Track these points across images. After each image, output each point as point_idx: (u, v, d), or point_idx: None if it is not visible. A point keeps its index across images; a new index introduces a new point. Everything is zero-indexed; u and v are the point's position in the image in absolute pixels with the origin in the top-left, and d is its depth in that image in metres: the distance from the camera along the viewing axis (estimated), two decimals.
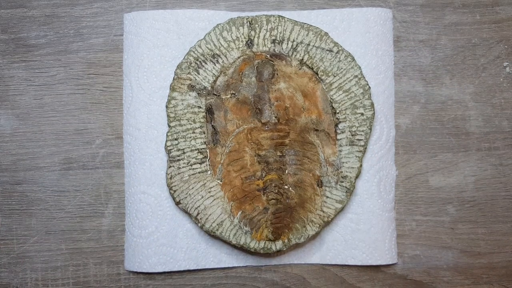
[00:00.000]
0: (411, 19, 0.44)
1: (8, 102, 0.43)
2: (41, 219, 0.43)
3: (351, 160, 0.41)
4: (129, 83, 0.42)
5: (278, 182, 0.40)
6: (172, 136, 0.41)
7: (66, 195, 0.43)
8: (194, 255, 0.42)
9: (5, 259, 0.42)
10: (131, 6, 0.44)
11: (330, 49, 0.42)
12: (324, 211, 0.41)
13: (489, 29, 0.45)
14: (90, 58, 0.43)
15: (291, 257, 0.43)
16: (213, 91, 0.41)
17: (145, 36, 0.42)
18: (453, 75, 0.44)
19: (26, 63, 0.43)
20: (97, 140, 0.43)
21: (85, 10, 0.44)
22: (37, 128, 0.43)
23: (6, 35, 0.43)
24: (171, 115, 0.41)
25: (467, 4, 0.45)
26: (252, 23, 0.41)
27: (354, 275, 0.43)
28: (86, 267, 0.43)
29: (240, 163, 0.41)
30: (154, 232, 0.41)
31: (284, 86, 0.41)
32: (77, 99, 0.43)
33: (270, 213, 0.40)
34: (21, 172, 0.43)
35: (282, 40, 0.41)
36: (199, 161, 0.41)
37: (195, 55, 0.41)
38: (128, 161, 0.42)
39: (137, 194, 0.42)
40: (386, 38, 0.43)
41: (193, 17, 0.42)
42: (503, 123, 0.44)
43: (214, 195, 0.41)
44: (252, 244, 0.41)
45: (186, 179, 0.41)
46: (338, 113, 0.41)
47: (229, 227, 0.41)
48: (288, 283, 0.43)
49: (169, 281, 0.42)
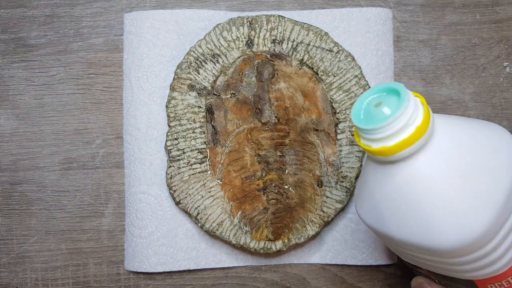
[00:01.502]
0: (411, 19, 0.44)
1: (8, 102, 0.43)
2: (41, 219, 0.43)
3: (351, 160, 0.41)
4: (129, 83, 0.42)
5: (278, 182, 0.40)
6: (172, 136, 0.41)
7: (66, 195, 0.43)
8: (194, 255, 0.42)
9: (5, 259, 0.42)
10: (131, 6, 0.44)
11: (330, 49, 0.42)
12: (324, 211, 0.41)
13: (489, 29, 0.45)
14: (90, 58, 0.43)
15: (291, 257, 0.43)
16: (213, 91, 0.41)
17: (145, 36, 0.42)
18: (453, 75, 0.44)
19: (26, 63, 0.43)
20: (97, 140, 0.43)
21: (85, 10, 0.44)
22: (37, 128, 0.43)
23: (6, 35, 0.43)
24: (171, 115, 0.41)
25: (467, 4, 0.45)
26: (252, 23, 0.41)
27: (354, 275, 0.43)
28: (86, 267, 0.43)
29: (240, 163, 0.41)
30: (154, 232, 0.41)
31: (284, 86, 0.41)
32: (77, 99, 0.43)
33: (270, 213, 0.40)
34: (21, 172, 0.43)
35: (282, 40, 0.41)
36: (199, 161, 0.41)
37: (195, 55, 0.41)
38: (128, 161, 0.42)
39: (137, 194, 0.42)
40: (386, 38, 0.43)
41: (193, 17, 0.42)
42: (503, 123, 0.44)
43: (214, 195, 0.41)
44: (252, 244, 0.41)
45: (186, 179, 0.41)
46: (338, 113, 0.41)
47: (229, 227, 0.41)
48: (288, 283, 0.43)
49: (169, 281, 0.42)
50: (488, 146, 0.27)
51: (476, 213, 0.25)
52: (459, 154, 0.26)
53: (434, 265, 0.29)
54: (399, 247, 0.30)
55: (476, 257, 0.27)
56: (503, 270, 0.28)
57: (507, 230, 0.26)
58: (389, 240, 0.30)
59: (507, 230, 0.26)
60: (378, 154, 0.26)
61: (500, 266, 0.28)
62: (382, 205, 0.28)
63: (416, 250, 0.28)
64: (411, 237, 0.27)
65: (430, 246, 0.26)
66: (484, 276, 0.28)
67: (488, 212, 0.25)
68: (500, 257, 0.27)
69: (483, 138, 0.27)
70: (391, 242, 0.30)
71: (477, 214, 0.25)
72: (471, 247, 0.26)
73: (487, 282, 0.29)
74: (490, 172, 0.26)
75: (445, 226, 0.26)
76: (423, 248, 0.27)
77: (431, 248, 0.27)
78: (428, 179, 0.25)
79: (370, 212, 0.29)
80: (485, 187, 0.25)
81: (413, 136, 0.25)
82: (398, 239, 0.28)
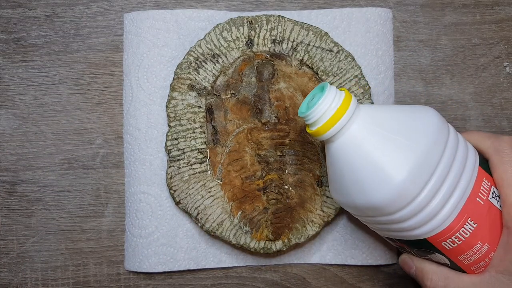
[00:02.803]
0: (411, 19, 0.44)
1: (8, 102, 0.43)
2: (41, 219, 0.43)
3: None
4: (129, 83, 0.42)
5: (278, 182, 0.40)
6: (172, 136, 0.41)
7: (66, 195, 0.43)
8: (194, 255, 0.42)
9: (5, 259, 0.42)
10: (131, 6, 0.44)
11: (330, 49, 0.42)
12: (324, 211, 0.41)
13: (489, 29, 0.45)
14: (90, 58, 0.43)
15: (291, 257, 0.43)
16: (213, 91, 0.41)
17: (145, 36, 0.42)
18: (453, 75, 0.44)
19: (26, 63, 0.43)
20: (97, 140, 0.43)
21: (85, 10, 0.44)
22: (37, 128, 0.43)
23: (6, 35, 0.43)
24: (171, 115, 0.41)
25: (467, 4, 0.45)
26: (252, 23, 0.41)
27: (354, 275, 0.43)
28: (86, 267, 0.43)
29: (240, 163, 0.41)
30: (154, 232, 0.41)
31: (284, 86, 0.41)
32: (77, 99, 0.43)
33: (270, 213, 0.40)
34: (21, 172, 0.43)
35: (282, 40, 0.41)
36: (199, 161, 0.41)
37: (195, 55, 0.41)
38: (128, 161, 0.42)
39: (137, 194, 0.42)
40: (386, 38, 0.43)
41: (193, 17, 0.42)
42: (503, 123, 0.44)
43: (214, 195, 0.41)
44: (252, 244, 0.41)
45: (186, 179, 0.41)
46: None
47: (229, 227, 0.41)
48: (288, 283, 0.43)
49: (169, 281, 0.42)
50: (408, 118, 0.32)
51: (396, 166, 0.30)
52: (380, 124, 0.32)
53: (386, 227, 0.33)
54: (359, 216, 0.35)
55: (412, 211, 0.31)
56: (446, 225, 0.31)
57: (435, 185, 0.30)
58: (352, 211, 0.34)
59: (435, 185, 0.30)
60: (315, 134, 0.33)
61: (441, 221, 0.31)
62: (337, 179, 0.33)
63: (365, 214, 0.33)
64: (357, 201, 0.32)
65: (367, 204, 0.31)
66: (433, 233, 0.32)
67: (406, 164, 0.30)
68: (437, 211, 0.31)
69: (404, 112, 0.33)
70: (355, 213, 0.35)
71: (397, 166, 0.30)
72: (400, 199, 0.30)
73: (438, 239, 0.32)
74: (409, 136, 0.31)
75: (373, 183, 0.31)
76: (364, 208, 0.32)
77: (369, 207, 0.31)
78: (357, 147, 0.31)
79: (333, 189, 0.35)
80: (404, 146, 0.30)
81: (336, 115, 0.31)
82: (352, 206, 0.33)
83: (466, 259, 0.33)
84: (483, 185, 0.32)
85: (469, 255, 0.32)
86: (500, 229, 0.33)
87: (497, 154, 0.33)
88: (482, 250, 0.32)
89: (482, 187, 0.32)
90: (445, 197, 0.31)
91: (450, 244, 0.32)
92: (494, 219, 0.32)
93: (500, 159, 0.32)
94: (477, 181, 0.32)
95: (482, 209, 0.32)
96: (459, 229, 0.32)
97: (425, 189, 0.30)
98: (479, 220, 0.32)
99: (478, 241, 0.32)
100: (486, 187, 0.33)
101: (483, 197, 0.32)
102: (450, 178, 0.31)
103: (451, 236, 0.32)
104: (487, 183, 0.33)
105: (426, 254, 0.35)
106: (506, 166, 0.32)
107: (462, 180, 0.32)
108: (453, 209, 0.31)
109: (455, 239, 0.32)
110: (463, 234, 0.32)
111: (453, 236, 0.32)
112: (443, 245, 0.32)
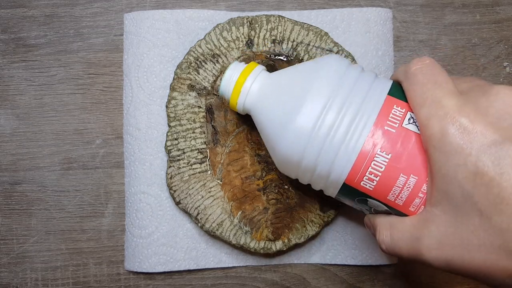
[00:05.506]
0: (411, 19, 0.44)
1: (8, 102, 0.43)
2: (41, 219, 0.43)
3: None
4: (129, 83, 0.42)
5: (278, 182, 0.40)
6: (172, 136, 0.41)
7: (66, 195, 0.43)
8: (194, 255, 0.42)
9: (5, 259, 0.42)
10: (131, 6, 0.44)
11: (330, 49, 0.42)
12: (324, 211, 0.41)
13: (489, 29, 0.45)
14: (90, 58, 0.43)
15: (291, 257, 0.43)
16: (213, 91, 0.41)
17: (145, 36, 0.42)
18: (453, 75, 0.44)
19: (26, 63, 0.43)
20: (97, 140, 0.43)
21: (85, 10, 0.44)
22: (37, 128, 0.43)
23: (6, 35, 0.43)
24: (171, 115, 0.41)
25: (467, 4, 0.45)
26: (252, 23, 0.41)
27: (354, 275, 0.43)
28: (86, 267, 0.43)
29: (240, 163, 0.41)
30: (154, 232, 0.41)
31: None
32: (77, 99, 0.43)
33: (270, 213, 0.40)
34: (21, 172, 0.43)
35: (282, 40, 0.41)
36: (199, 161, 0.41)
37: (195, 55, 0.41)
38: (128, 161, 0.42)
39: (137, 194, 0.42)
40: (386, 38, 0.43)
41: (193, 17, 0.42)
42: None
43: (214, 195, 0.41)
44: (252, 244, 0.41)
45: (186, 179, 0.41)
46: None
47: (229, 227, 0.41)
48: (288, 283, 0.43)
49: (169, 281, 0.42)
50: (307, 67, 0.33)
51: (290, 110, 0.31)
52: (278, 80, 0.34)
53: (321, 183, 0.33)
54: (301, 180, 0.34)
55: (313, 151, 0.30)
56: (352, 160, 0.30)
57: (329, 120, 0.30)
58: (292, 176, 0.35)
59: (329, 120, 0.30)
60: (233, 108, 0.36)
61: (345, 156, 0.30)
62: (268, 148, 0.34)
63: (293, 172, 0.33)
64: (276, 161, 0.33)
65: (280, 158, 0.32)
66: (345, 174, 0.30)
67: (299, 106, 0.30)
68: (337, 147, 0.30)
69: (306, 64, 0.33)
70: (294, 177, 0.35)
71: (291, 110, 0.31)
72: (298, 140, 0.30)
73: (354, 179, 0.30)
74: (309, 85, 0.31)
75: (277, 136, 0.32)
76: (284, 163, 0.33)
77: (283, 160, 0.32)
78: (263, 108, 0.33)
79: (275, 163, 0.35)
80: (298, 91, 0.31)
81: (237, 84, 0.35)
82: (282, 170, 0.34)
83: (398, 199, 0.30)
84: (394, 112, 0.30)
85: (397, 192, 0.29)
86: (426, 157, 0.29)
87: (406, 78, 0.30)
88: (410, 184, 0.29)
89: (392, 115, 0.30)
90: (343, 131, 0.29)
91: (369, 182, 0.30)
92: (414, 147, 0.29)
93: (408, 81, 0.30)
94: (383, 110, 0.30)
95: (395, 138, 0.29)
96: (370, 162, 0.29)
97: (319, 125, 0.30)
98: (393, 150, 0.29)
99: (400, 174, 0.29)
100: (399, 114, 0.30)
101: (394, 124, 0.29)
102: (348, 113, 0.30)
103: (365, 173, 0.29)
104: (400, 110, 0.30)
105: (364, 205, 0.32)
106: (414, 86, 0.29)
107: (361, 112, 0.30)
108: (356, 142, 0.29)
109: (370, 176, 0.29)
110: (377, 168, 0.29)
111: (367, 173, 0.29)
112: (363, 186, 0.30)
